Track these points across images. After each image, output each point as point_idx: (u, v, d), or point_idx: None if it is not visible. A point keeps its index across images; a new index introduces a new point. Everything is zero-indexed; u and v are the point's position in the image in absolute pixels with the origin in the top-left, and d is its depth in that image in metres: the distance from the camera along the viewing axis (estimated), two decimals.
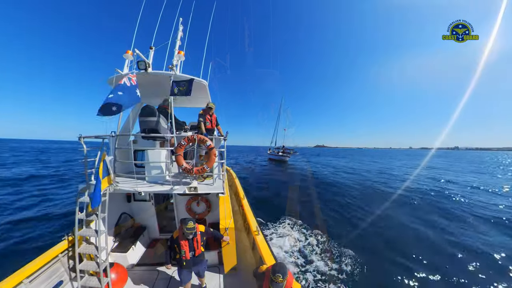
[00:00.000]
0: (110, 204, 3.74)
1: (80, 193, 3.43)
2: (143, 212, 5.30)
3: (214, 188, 3.93)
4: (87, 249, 3.23)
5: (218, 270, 4.10)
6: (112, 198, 4.22)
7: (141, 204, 5.27)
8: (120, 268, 3.69)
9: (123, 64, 4.18)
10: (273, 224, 9.11)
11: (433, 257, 6.83)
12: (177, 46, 5.02)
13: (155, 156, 4.26)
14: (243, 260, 4.21)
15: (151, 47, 4.68)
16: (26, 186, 14.57)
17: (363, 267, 6.20)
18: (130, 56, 4.17)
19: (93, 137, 3.71)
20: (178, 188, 3.73)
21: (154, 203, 5.34)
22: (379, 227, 9.22)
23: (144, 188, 3.72)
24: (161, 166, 4.28)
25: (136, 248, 4.57)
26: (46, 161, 29.75)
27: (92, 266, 3.20)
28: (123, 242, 4.47)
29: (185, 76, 4.72)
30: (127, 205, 5.19)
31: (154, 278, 3.96)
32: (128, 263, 4.24)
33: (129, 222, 4.99)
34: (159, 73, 4.41)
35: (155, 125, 4.24)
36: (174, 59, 4.91)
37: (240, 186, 6.79)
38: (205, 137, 3.89)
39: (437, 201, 13.46)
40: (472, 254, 7.11)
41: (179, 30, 5.12)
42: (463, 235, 8.58)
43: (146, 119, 4.22)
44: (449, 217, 10.75)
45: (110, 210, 3.99)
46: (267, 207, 11.66)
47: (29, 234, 7.57)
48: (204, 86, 5.17)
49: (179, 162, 3.74)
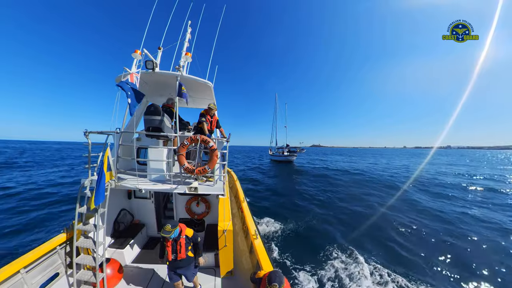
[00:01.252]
0: (110, 199, 3.78)
1: (83, 187, 3.49)
2: (142, 210, 5.33)
3: (215, 189, 3.93)
4: (85, 243, 3.26)
5: (214, 273, 4.05)
6: (112, 194, 4.28)
7: (141, 202, 5.31)
8: (116, 264, 3.69)
9: (131, 63, 4.29)
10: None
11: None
12: (184, 47, 5.14)
13: (158, 154, 4.30)
14: (240, 264, 4.16)
15: (159, 48, 4.80)
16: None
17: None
18: (138, 55, 4.29)
19: (98, 132, 3.78)
20: (178, 187, 3.75)
21: (154, 201, 5.36)
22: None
23: (145, 185, 3.76)
24: (163, 164, 4.32)
25: (133, 245, 4.58)
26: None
27: (88, 260, 3.22)
28: (120, 238, 4.49)
29: (191, 77, 4.81)
30: (127, 201, 5.23)
31: (149, 277, 3.94)
32: (125, 259, 4.24)
33: (128, 219, 5.01)
34: (166, 73, 4.50)
35: (159, 124, 4.32)
36: (181, 60, 5.02)
37: (240, 189, 6.77)
38: (208, 138, 3.92)
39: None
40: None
41: (187, 32, 5.25)
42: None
43: (151, 117, 4.30)
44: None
45: (110, 206, 4.03)
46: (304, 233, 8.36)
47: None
48: (209, 87, 5.24)
49: (181, 162, 3.77)
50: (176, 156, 3.84)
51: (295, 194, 15.10)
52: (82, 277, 3.18)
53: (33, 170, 21.25)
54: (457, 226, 9.36)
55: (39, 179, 16.78)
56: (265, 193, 15.22)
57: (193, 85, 5.17)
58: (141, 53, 4.27)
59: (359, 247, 7.30)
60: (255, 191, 15.76)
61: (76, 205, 3.34)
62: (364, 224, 9.50)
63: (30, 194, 12.43)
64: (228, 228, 3.64)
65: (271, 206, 11.98)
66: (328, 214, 10.78)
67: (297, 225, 9.12)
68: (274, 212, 10.74)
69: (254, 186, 17.75)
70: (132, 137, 5.43)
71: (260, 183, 19.23)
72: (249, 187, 17.18)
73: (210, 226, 4.91)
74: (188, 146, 3.85)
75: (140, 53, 4.26)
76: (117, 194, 4.74)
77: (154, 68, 4.37)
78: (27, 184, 14.86)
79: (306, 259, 6.50)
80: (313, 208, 11.64)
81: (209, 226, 5.01)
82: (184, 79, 4.77)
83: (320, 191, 16.09)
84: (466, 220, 10.16)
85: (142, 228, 5.07)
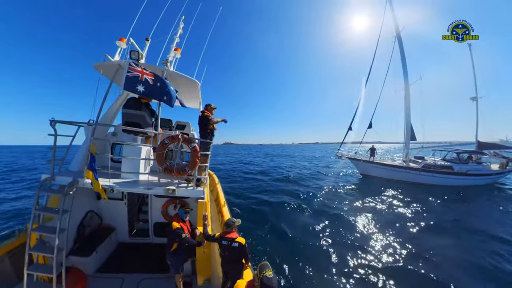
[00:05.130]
0: (76, 200, 3.36)
1: (43, 183, 3.04)
2: (113, 212, 4.84)
3: (194, 192, 3.74)
4: (41, 249, 2.81)
5: (191, 280, 3.83)
6: (79, 193, 3.80)
7: (112, 203, 4.82)
8: (78, 274, 3.26)
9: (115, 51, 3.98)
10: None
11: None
12: (174, 42, 4.93)
13: (134, 152, 3.98)
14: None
15: (147, 39, 4.53)
16: None
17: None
18: (123, 44, 3.99)
19: (67, 123, 3.37)
20: (155, 189, 3.49)
21: (127, 203, 4.92)
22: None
23: (117, 185, 3.42)
24: (140, 163, 4.00)
25: (100, 251, 4.10)
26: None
27: (44, 269, 2.77)
28: (85, 244, 4.00)
29: (177, 73, 4.61)
30: (96, 202, 4.71)
31: (118, 287, 3.55)
32: (89, 268, 3.77)
33: (95, 222, 4.50)
34: (151, 66, 4.25)
35: (138, 119, 4.01)
36: (170, 55, 4.80)
37: (221, 192, 6.58)
38: (191, 138, 3.75)
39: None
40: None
41: (179, 28, 5.05)
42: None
43: (130, 111, 3.98)
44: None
45: (75, 207, 3.59)
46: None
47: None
48: (196, 86, 5.08)
49: (160, 162, 3.53)
50: (155, 155, 3.60)
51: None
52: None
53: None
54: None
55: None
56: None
57: (179, 82, 4.97)
58: (127, 42, 3.98)
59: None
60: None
61: (34, 205, 2.89)
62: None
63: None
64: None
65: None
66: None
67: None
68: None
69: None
70: (106, 131, 4.98)
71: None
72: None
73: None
74: (169, 145, 3.63)
75: (125, 41, 3.96)
76: (84, 193, 4.23)
77: (139, 59, 4.10)
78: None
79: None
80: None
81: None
82: (171, 75, 4.55)
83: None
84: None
85: (111, 232, 4.59)
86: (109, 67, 4.04)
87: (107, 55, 3.60)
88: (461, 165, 14.99)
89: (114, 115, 5.09)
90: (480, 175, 15.13)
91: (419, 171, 15.10)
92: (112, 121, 5.10)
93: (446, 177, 14.78)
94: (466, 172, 14.69)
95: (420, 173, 15.04)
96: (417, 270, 5.33)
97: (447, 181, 14.73)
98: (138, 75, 3.43)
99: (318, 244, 6.57)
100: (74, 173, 3.78)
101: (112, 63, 3.97)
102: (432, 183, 14.82)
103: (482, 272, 5.38)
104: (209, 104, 4.52)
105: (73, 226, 3.93)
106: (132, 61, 4.03)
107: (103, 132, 4.89)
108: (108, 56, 3.61)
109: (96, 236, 4.31)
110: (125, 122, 4.00)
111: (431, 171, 14.79)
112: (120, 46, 4.02)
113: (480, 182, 15.26)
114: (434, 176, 14.81)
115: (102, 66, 3.94)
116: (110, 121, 5.00)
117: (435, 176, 14.80)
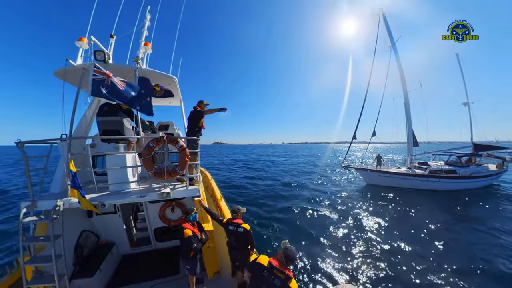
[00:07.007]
0: (66, 222, 3.10)
1: (25, 213, 2.75)
2: (109, 227, 4.61)
3: (189, 192, 3.66)
4: (41, 281, 2.61)
5: (201, 277, 3.88)
6: (68, 215, 3.52)
7: (105, 218, 4.57)
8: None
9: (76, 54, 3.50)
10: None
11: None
12: (143, 37, 4.46)
13: (119, 161, 3.71)
14: (225, 262, 4.07)
15: (112, 36, 4.04)
16: None
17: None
18: (85, 44, 3.52)
19: (37, 142, 3.01)
20: (149, 195, 3.35)
21: (122, 215, 4.70)
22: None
23: (108, 199, 3.21)
24: (127, 172, 3.76)
25: (104, 269, 3.94)
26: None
27: None
28: (86, 265, 3.80)
29: (152, 70, 4.25)
30: (88, 220, 4.43)
31: None
32: (97, 287, 3.63)
33: (92, 241, 4.27)
34: (121, 66, 3.87)
35: (117, 126, 3.69)
36: (140, 51, 4.37)
37: (216, 187, 6.53)
38: (177, 137, 3.58)
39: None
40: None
41: (146, 19, 4.55)
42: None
43: (106, 119, 3.63)
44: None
45: (67, 229, 3.33)
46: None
47: None
48: (173, 82, 4.76)
49: (148, 167, 3.36)
50: (141, 161, 3.41)
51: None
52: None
53: None
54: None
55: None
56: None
57: (155, 80, 4.60)
58: (88, 42, 3.51)
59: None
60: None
61: (20, 237, 2.63)
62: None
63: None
64: (208, 229, 3.59)
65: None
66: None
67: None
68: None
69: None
70: (84, 144, 4.57)
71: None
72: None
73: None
74: (155, 148, 3.44)
75: (86, 41, 3.50)
76: (73, 214, 3.93)
77: (106, 60, 3.67)
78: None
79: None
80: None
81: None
82: (144, 73, 4.18)
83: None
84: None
85: (111, 247, 4.40)
86: (73, 73, 3.59)
87: (68, 59, 3.16)
88: (465, 169, 15.20)
89: (88, 125, 4.66)
90: (482, 176, 15.35)
91: (427, 178, 14.78)
92: (87, 132, 4.68)
93: (452, 182, 14.76)
94: (470, 175, 14.84)
95: (428, 180, 14.73)
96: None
97: (453, 186, 14.83)
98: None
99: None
100: (57, 194, 3.47)
101: (75, 68, 3.52)
102: (439, 188, 14.71)
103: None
104: (202, 100, 4.32)
105: (69, 249, 3.69)
106: (99, 62, 3.61)
107: (80, 146, 4.49)
108: (70, 60, 3.18)
109: (97, 254, 4.12)
110: (102, 131, 3.66)
111: (438, 177, 14.55)
112: (81, 47, 3.54)
113: (482, 184, 15.61)
114: (440, 181, 14.63)
115: (64, 72, 3.49)
116: (85, 133, 4.58)
117: (442, 182, 14.63)
